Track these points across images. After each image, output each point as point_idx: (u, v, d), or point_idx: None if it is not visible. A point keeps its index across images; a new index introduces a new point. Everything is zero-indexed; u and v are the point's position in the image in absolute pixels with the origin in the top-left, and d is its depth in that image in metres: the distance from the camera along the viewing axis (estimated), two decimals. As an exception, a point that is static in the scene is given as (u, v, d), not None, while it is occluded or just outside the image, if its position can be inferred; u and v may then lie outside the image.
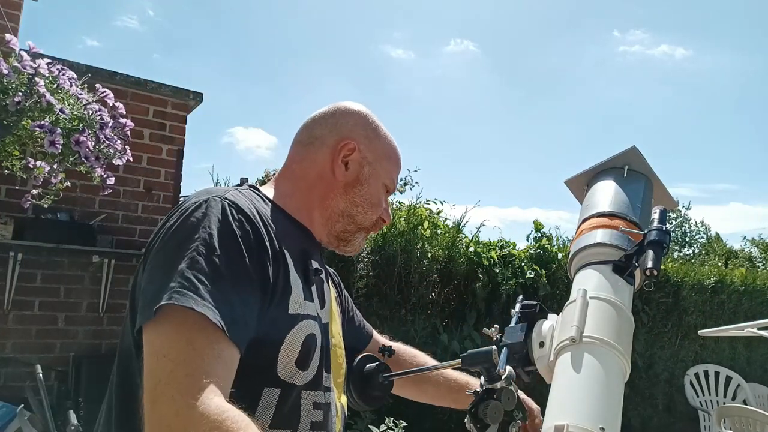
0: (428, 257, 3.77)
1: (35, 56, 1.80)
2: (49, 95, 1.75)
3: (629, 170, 1.06)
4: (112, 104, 2.04)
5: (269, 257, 0.81)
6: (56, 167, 1.91)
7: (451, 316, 3.94)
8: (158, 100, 3.62)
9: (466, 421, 0.88)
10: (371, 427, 3.02)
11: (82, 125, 1.88)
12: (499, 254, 4.07)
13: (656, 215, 0.89)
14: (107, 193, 2.13)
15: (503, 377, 0.89)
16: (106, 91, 2.04)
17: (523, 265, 4.08)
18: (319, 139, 1.01)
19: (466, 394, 1.11)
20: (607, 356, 0.78)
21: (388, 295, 3.61)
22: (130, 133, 2.11)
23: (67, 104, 1.85)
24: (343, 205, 1.00)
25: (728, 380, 4.78)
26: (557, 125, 41.87)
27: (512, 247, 4.27)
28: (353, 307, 1.28)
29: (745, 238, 20.65)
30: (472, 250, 3.97)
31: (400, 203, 4.28)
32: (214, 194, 0.82)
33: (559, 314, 0.92)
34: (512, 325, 0.99)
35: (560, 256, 4.26)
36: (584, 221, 1.00)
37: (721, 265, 8.64)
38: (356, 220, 1.01)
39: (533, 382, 0.98)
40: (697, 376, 4.81)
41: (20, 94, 1.71)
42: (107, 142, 1.96)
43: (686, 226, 22.86)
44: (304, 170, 1.01)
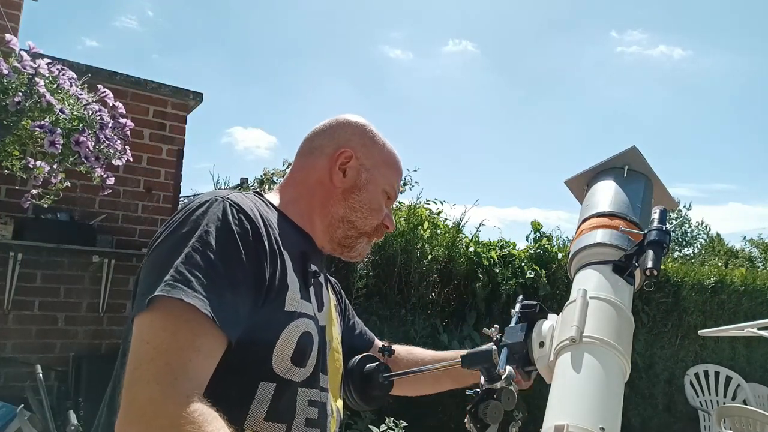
0: (428, 257, 3.77)
1: (35, 56, 1.80)
2: (49, 95, 1.75)
3: (629, 170, 1.06)
4: (112, 104, 2.04)
5: (266, 255, 0.83)
6: (56, 167, 1.92)
7: (451, 316, 3.94)
8: (158, 100, 3.62)
9: (466, 421, 0.88)
10: (371, 427, 3.03)
11: (82, 125, 1.88)
12: (499, 254, 4.07)
13: (656, 215, 0.89)
14: (107, 193, 2.13)
15: (503, 377, 0.89)
16: (106, 91, 2.04)
17: (523, 265, 4.08)
18: (318, 148, 1.05)
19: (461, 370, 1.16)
20: (607, 356, 0.78)
21: (388, 295, 3.61)
22: (130, 133, 2.12)
23: (67, 104, 1.85)
24: (342, 211, 1.03)
25: (728, 380, 4.78)
26: (556, 125, 41.90)
27: (512, 247, 4.26)
28: (354, 314, 1.30)
29: (745, 238, 20.66)
30: (472, 250, 3.97)
31: (400, 203, 4.28)
32: (218, 195, 0.85)
33: (559, 314, 0.92)
34: (512, 325, 0.99)
35: (560, 256, 4.26)
36: (584, 221, 1.00)
37: (721, 265, 8.63)
38: (356, 225, 1.03)
39: (533, 382, 0.98)
40: (697, 376, 4.81)
41: (20, 94, 1.71)
42: (107, 142, 1.96)
43: (686, 226, 22.88)
44: (304, 178, 1.05)
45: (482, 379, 0.93)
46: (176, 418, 0.65)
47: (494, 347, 0.97)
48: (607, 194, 1.02)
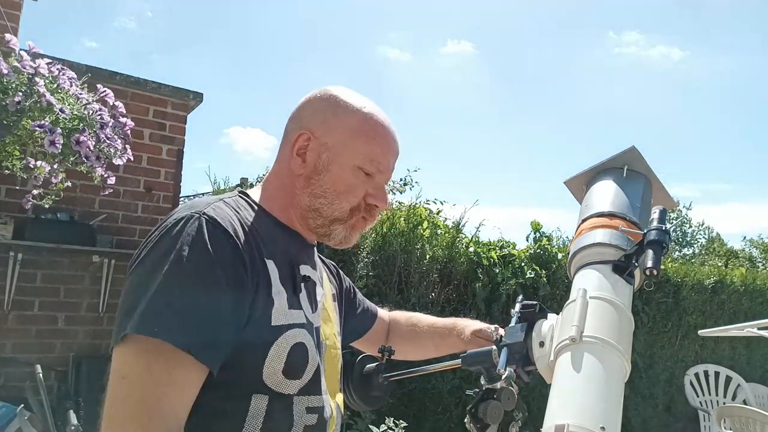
0: (428, 257, 3.77)
1: (35, 56, 1.80)
2: (49, 95, 1.75)
3: (628, 170, 1.06)
4: (112, 104, 2.04)
5: (247, 271, 0.81)
6: (56, 167, 1.92)
7: (451, 316, 3.93)
8: (158, 100, 3.62)
9: (466, 421, 0.88)
10: (371, 427, 3.03)
11: (82, 125, 1.88)
12: (499, 254, 4.07)
13: (656, 215, 0.89)
14: (107, 193, 2.13)
15: (503, 377, 0.89)
16: (106, 90, 2.04)
17: (523, 265, 4.08)
18: (285, 135, 1.00)
19: (458, 332, 1.24)
20: (607, 356, 0.78)
21: (388, 295, 3.61)
22: (130, 132, 2.12)
23: (67, 104, 1.85)
24: (306, 199, 0.95)
25: (728, 380, 4.78)
26: (556, 125, 41.91)
27: (512, 247, 4.26)
28: (356, 292, 1.29)
29: (745, 238, 20.66)
30: (472, 250, 3.97)
31: (400, 203, 4.28)
32: (194, 209, 0.82)
33: (559, 314, 0.92)
34: (512, 325, 1.00)
35: (560, 256, 4.25)
36: (584, 221, 1.00)
37: (721, 265, 8.63)
38: (322, 212, 0.95)
39: (533, 381, 0.98)
40: (697, 376, 4.81)
41: (20, 94, 1.71)
42: (107, 141, 1.96)
43: (687, 226, 22.87)
44: (278, 169, 1.00)
45: (482, 379, 0.93)
46: None
47: (494, 347, 0.97)
48: (606, 194, 1.02)
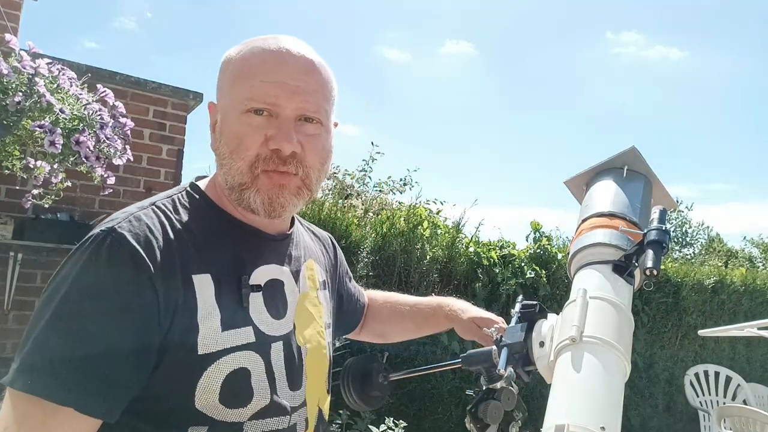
0: (428, 257, 3.77)
1: (35, 56, 1.80)
2: (49, 95, 1.75)
3: (628, 170, 1.06)
4: (112, 104, 2.04)
5: (159, 298, 0.70)
6: (56, 167, 1.92)
7: (451, 316, 3.94)
8: (158, 100, 3.62)
9: (466, 421, 0.88)
10: (371, 427, 3.03)
11: (82, 125, 1.88)
12: (499, 254, 4.08)
13: (656, 215, 0.89)
14: (107, 193, 2.14)
15: (503, 377, 0.89)
16: (106, 90, 2.04)
17: (523, 265, 4.09)
18: None
19: (441, 314, 1.19)
20: (607, 356, 0.78)
21: (388, 295, 3.62)
22: (130, 132, 2.12)
23: (67, 104, 1.85)
24: (221, 177, 0.84)
25: (728, 380, 4.78)
26: (555, 125, 41.92)
27: (512, 247, 4.27)
28: (350, 278, 1.20)
29: (745, 238, 20.66)
30: (472, 250, 3.97)
31: (400, 203, 4.28)
32: (108, 225, 0.73)
33: (559, 314, 0.92)
34: (512, 325, 1.00)
35: (560, 256, 4.26)
36: (584, 221, 1.00)
37: (721, 265, 8.63)
38: (228, 184, 0.82)
39: (533, 382, 0.98)
40: (697, 376, 4.81)
41: (20, 94, 1.71)
42: (107, 141, 1.97)
43: (687, 226, 22.89)
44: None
45: (482, 379, 0.93)
46: None
47: (494, 347, 0.97)
48: (606, 194, 1.02)
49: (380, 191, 5.53)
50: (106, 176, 2.05)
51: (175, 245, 0.75)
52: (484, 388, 0.91)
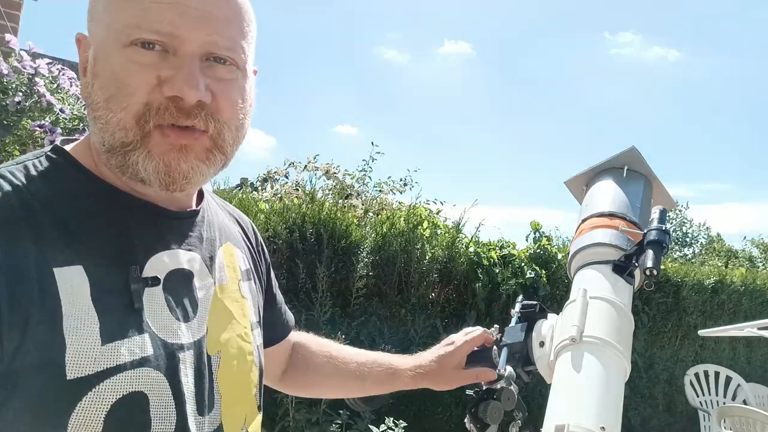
0: (428, 257, 3.77)
1: (35, 56, 1.80)
2: (49, 95, 1.75)
3: (628, 170, 1.06)
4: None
5: (1, 313, 0.51)
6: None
7: (451, 316, 3.94)
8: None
9: (466, 421, 0.88)
10: (371, 427, 3.02)
11: (82, 125, 1.88)
12: (499, 254, 4.07)
13: (656, 215, 0.89)
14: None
15: (503, 377, 0.89)
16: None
17: (523, 265, 4.09)
18: None
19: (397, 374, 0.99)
20: (607, 356, 0.78)
21: (388, 295, 3.61)
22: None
23: (67, 104, 1.85)
24: (95, 134, 0.61)
25: (728, 380, 4.78)
26: (554, 125, 41.98)
27: (512, 247, 4.27)
28: (275, 284, 0.95)
29: (745, 238, 20.66)
30: (472, 250, 3.97)
31: (400, 203, 4.28)
32: None
33: (559, 314, 0.92)
34: (512, 324, 1.00)
35: (560, 256, 4.26)
36: (584, 221, 1.00)
37: (721, 265, 8.64)
38: (107, 142, 0.60)
39: (533, 382, 0.98)
40: (697, 376, 4.80)
41: (20, 94, 1.71)
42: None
43: (687, 226, 22.89)
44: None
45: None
46: None
47: (494, 347, 0.97)
48: (606, 194, 1.02)
49: (380, 191, 5.53)
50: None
51: (24, 227, 0.54)
52: (484, 388, 0.91)
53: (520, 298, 1.05)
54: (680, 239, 22.08)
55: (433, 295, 3.83)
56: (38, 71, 1.75)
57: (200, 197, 0.76)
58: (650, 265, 0.82)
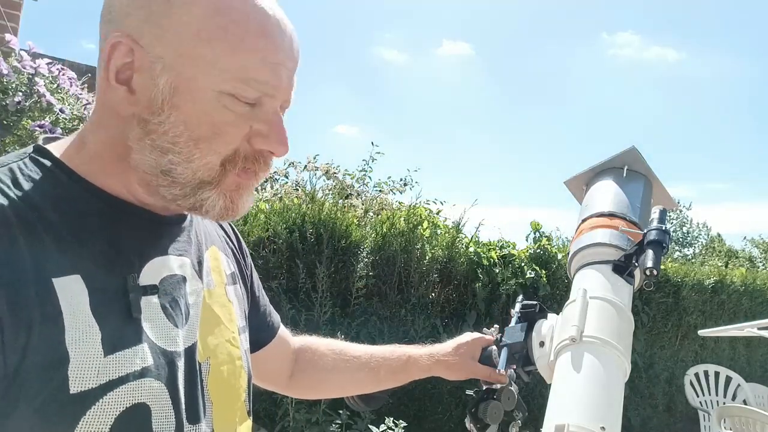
0: (428, 257, 3.77)
1: (35, 56, 1.80)
2: (49, 95, 1.75)
3: (628, 170, 1.06)
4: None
5: (3, 327, 0.49)
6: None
7: (451, 316, 3.94)
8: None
9: (466, 421, 0.88)
10: (371, 427, 3.02)
11: (82, 125, 1.88)
12: (499, 254, 4.07)
13: (656, 215, 0.89)
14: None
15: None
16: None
17: (523, 265, 4.09)
18: (100, 52, 0.61)
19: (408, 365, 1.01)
20: (607, 356, 0.78)
21: (388, 295, 3.61)
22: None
23: (67, 104, 1.85)
24: (148, 157, 0.59)
25: (728, 380, 4.78)
26: (554, 125, 42.02)
27: (512, 247, 4.27)
28: (259, 285, 0.93)
29: (745, 238, 20.66)
30: (472, 250, 3.97)
31: (400, 203, 4.29)
32: None
33: (559, 314, 0.92)
34: (512, 324, 1.00)
35: (560, 256, 4.26)
36: (584, 221, 1.00)
37: (721, 265, 8.64)
38: (176, 175, 0.60)
39: (533, 382, 0.98)
40: (697, 376, 4.80)
41: (20, 94, 1.71)
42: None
43: (687, 226, 22.89)
44: (98, 110, 0.63)
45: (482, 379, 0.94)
46: None
47: (494, 347, 0.97)
48: (606, 194, 1.02)
49: (380, 191, 5.53)
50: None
51: (20, 237, 0.52)
52: (484, 388, 0.91)
53: (520, 298, 1.05)
54: (680, 239, 22.08)
55: (433, 295, 3.84)
56: (38, 71, 1.76)
57: None
58: (650, 265, 0.82)
